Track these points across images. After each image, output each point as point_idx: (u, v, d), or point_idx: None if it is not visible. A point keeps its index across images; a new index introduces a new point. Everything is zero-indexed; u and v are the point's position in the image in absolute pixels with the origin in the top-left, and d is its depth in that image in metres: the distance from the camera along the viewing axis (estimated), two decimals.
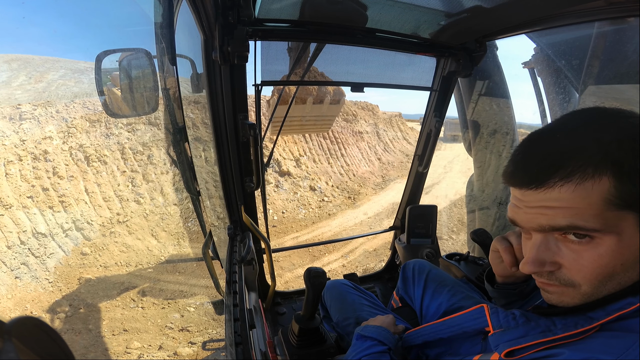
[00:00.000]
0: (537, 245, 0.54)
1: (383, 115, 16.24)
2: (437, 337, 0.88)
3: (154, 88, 1.60)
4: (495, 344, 0.63)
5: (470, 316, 0.79)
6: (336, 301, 1.33)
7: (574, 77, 1.91)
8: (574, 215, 0.48)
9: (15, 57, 9.65)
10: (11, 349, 0.19)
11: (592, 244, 0.49)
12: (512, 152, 0.59)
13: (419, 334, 0.95)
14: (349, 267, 6.10)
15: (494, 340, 0.64)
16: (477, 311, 0.77)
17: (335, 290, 1.37)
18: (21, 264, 5.43)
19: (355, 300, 1.31)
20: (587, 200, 0.47)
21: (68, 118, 7.39)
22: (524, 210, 0.55)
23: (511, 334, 0.61)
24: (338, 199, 9.80)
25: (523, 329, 0.60)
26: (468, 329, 0.79)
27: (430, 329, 0.92)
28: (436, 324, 0.91)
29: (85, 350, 3.92)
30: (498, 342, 0.62)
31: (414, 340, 0.95)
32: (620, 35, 1.60)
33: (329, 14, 1.22)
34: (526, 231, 0.59)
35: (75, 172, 6.87)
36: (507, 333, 0.62)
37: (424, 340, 0.92)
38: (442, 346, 0.89)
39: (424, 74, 1.70)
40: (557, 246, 0.53)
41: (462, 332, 0.81)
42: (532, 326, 0.59)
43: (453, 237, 7.14)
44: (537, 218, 0.53)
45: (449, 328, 0.85)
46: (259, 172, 1.45)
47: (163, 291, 5.08)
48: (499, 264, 0.82)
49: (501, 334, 0.63)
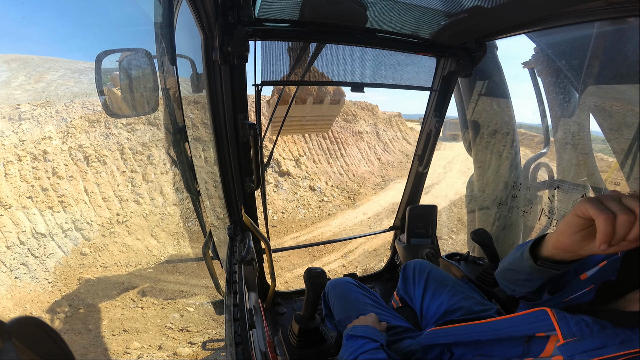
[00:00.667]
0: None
1: (383, 115, 16.24)
2: (473, 339, 0.83)
3: (154, 88, 1.60)
4: (569, 354, 0.57)
5: (525, 320, 0.71)
6: (340, 299, 1.33)
7: (574, 77, 1.91)
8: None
9: (14, 57, 9.64)
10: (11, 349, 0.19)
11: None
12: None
13: (448, 333, 0.91)
14: (349, 267, 6.10)
15: (566, 350, 0.58)
16: (536, 315, 0.69)
17: (339, 289, 1.37)
18: (21, 264, 5.43)
19: (359, 298, 1.31)
20: None
21: (67, 118, 7.38)
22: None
23: (587, 344, 0.56)
24: (338, 199, 9.80)
25: (600, 338, 0.55)
26: (517, 333, 0.71)
27: (466, 329, 0.86)
28: (476, 325, 0.84)
29: (85, 350, 3.92)
30: (572, 352, 0.57)
31: (441, 339, 0.92)
32: (620, 35, 1.60)
33: (329, 14, 1.22)
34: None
35: (75, 172, 6.86)
36: (582, 343, 0.57)
37: (456, 341, 0.87)
38: (472, 346, 0.85)
39: (424, 74, 1.70)
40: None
41: (509, 336, 0.74)
42: (610, 335, 0.54)
43: (453, 237, 7.14)
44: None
45: (492, 331, 0.78)
46: (259, 172, 1.45)
47: (163, 291, 5.07)
48: (575, 233, 0.63)
49: (575, 344, 0.58)
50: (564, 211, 1.79)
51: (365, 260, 6.34)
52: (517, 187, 2.18)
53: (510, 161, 2.32)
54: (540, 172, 2.25)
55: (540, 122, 2.24)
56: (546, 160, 2.25)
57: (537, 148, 2.37)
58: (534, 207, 2.05)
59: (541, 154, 2.30)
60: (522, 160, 2.36)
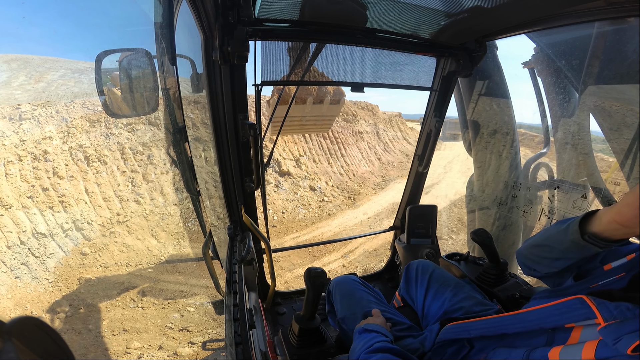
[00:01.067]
0: None
1: (383, 115, 16.23)
2: (499, 332, 0.81)
3: (154, 88, 1.60)
4: (615, 336, 0.57)
5: (557, 310, 0.70)
6: (344, 297, 1.33)
7: (574, 77, 1.91)
8: None
9: (15, 57, 9.64)
10: (11, 349, 0.19)
11: None
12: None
13: (468, 327, 0.90)
14: (349, 267, 6.10)
15: (611, 332, 0.58)
16: (570, 304, 0.68)
17: (345, 286, 1.38)
18: (21, 264, 5.43)
19: (364, 296, 1.31)
20: None
21: (68, 118, 7.39)
22: None
23: (632, 325, 0.56)
24: (338, 199, 9.80)
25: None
26: (548, 324, 0.71)
27: (490, 322, 0.85)
28: (501, 318, 0.83)
29: (85, 350, 3.92)
30: (618, 333, 0.56)
31: (462, 334, 0.91)
32: (620, 35, 1.60)
33: (329, 14, 1.22)
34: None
35: (75, 172, 6.87)
36: (626, 324, 0.57)
37: (481, 335, 0.86)
38: (494, 338, 0.84)
39: (424, 74, 1.70)
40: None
41: (539, 327, 0.73)
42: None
43: (453, 237, 7.14)
44: None
45: (521, 323, 0.77)
46: (259, 172, 1.45)
47: (163, 291, 5.08)
48: (635, 209, 0.63)
49: (619, 325, 0.58)
50: (564, 211, 1.78)
51: (365, 260, 6.34)
52: (517, 187, 2.18)
53: (510, 161, 2.32)
54: (540, 172, 2.25)
55: (540, 122, 2.24)
56: (546, 160, 2.25)
57: (537, 148, 2.36)
58: (534, 207, 2.05)
59: (541, 154, 2.30)
60: (522, 160, 2.36)
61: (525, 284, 1.41)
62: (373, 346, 0.89)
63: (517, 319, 0.79)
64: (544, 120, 2.22)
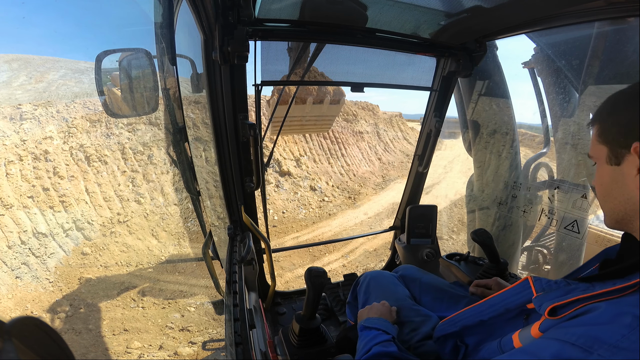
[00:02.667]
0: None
1: (383, 115, 16.23)
2: (477, 320, 0.86)
3: (154, 88, 1.60)
4: (539, 304, 0.65)
5: (513, 291, 0.78)
6: (381, 289, 1.30)
7: (574, 77, 1.91)
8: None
9: (15, 57, 9.65)
10: (11, 349, 0.19)
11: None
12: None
13: (454, 320, 0.93)
14: (349, 267, 6.10)
15: (537, 301, 0.66)
16: (521, 285, 0.76)
17: (382, 280, 1.35)
18: (22, 264, 5.44)
19: (400, 291, 1.29)
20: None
21: (68, 118, 7.40)
22: None
23: (554, 293, 0.64)
24: (338, 199, 9.80)
25: (565, 289, 0.63)
26: (511, 304, 0.78)
27: (470, 312, 0.90)
28: (476, 306, 0.89)
29: (86, 350, 3.92)
30: (542, 301, 0.65)
31: (451, 328, 0.94)
32: (620, 35, 1.60)
33: (329, 14, 1.22)
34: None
35: (76, 172, 6.88)
36: (550, 294, 0.65)
37: (463, 326, 0.90)
38: (481, 333, 0.87)
39: (424, 74, 1.70)
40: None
41: (505, 309, 0.80)
42: (573, 288, 0.62)
43: (453, 237, 7.13)
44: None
45: (491, 307, 0.83)
46: (259, 172, 1.45)
47: (163, 291, 5.08)
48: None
49: (544, 295, 0.66)
50: (563, 211, 1.78)
51: (365, 260, 6.34)
52: (517, 187, 2.18)
53: (510, 161, 2.32)
54: (540, 172, 2.25)
55: (540, 122, 2.24)
56: (546, 160, 2.25)
57: (537, 148, 2.36)
58: (534, 207, 2.05)
59: (541, 154, 2.30)
60: (522, 160, 2.36)
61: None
62: (371, 350, 0.89)
63: (488, 304, 0.85)
64: (544, 120, 2.22)
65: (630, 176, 0.61)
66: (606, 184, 0.68)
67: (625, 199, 0.64)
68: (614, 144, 0.64)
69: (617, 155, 0.64)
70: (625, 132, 0.62)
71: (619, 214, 0.66)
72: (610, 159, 0.65)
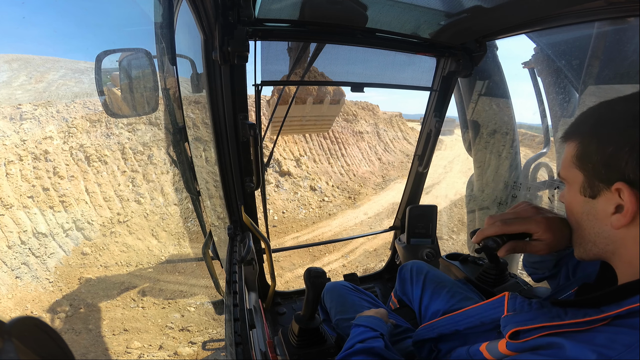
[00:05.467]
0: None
1: (383, 115, 16.24)
2: (453, 329, 0.86)
3: (154, 88, 1.61)
4: (504, 325, 0.63)
5: (490, 305, 0.78)
6: (337, 303, 1.33)
7: (574, 77, 1.91)
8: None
9: (15, 57, 9.65)
10: (11, 349, 0.19)
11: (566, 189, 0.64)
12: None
13: (433, 327, 0.94)
14: (349, 267, 6.11)
15: (504, 322, 0.64)
16: (498, 300, 0.75)
17: (336, 292, 1.38)
18: (22, 264, 5.44)
19: (356, 301, 1.31)
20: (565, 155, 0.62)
21: (68, 118, 7.40)
22: None
23: (521, 316, 0.62)
24: (338, 199, 9.80)
25: (534, 313, 0.61)
26: (486, 318, 0.77)
27: (447, 320, 0.90)
28: (454, 315, 0.89)
29: (86, 350, 3.92)
30: (507, 323, 0.63)
31: (428, 333, 0.94)
32: (620, 35, 1.60)
33: (329, 14, 1.22)
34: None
35: (76, 172, 6.88)
36: (517, 315, 0.64)
37: (440, 333, 0.90)
38: (456, 340, 0.88)
39: (424, 74, 1.69)
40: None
41: (480, 322, 0.79)
42: (544, 312, 0.59)
43: (453, 237, 7.13)
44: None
45: (467, 319, 0.83)
46: (259, 172, 1.45)
47: (163, 291, 5.08)
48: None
49: (512, 316, 0.64)
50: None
51: (365, 260, 6.34)
52: (517, 187, 2.18)
53: (510, 161, 2.32)
54: (540, 172, 2.25)
55: (540, 122, 2.24)
56: (546, 160, 2.25)
57: (537, 148, 2.37)
58: None
59: (541, 154, 2.30)
60: (522, 160, 2.35)
61: (525, 284, 1.40)
62: (354, 347, 0.89)
63: (465, 315, 0.85)
64: (544, 120, 2.22)
65: (604, 213, 0.55)
66: (577, 214, 0.62)
67: (597, 232, 0.58)
68: (592, 175, 0.55)
69: (592, 188, 0.56)
70: (609, 164, 0.52)
71: (592, 250, 0.60)
72: (585, 189, 0.57)
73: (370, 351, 0.86)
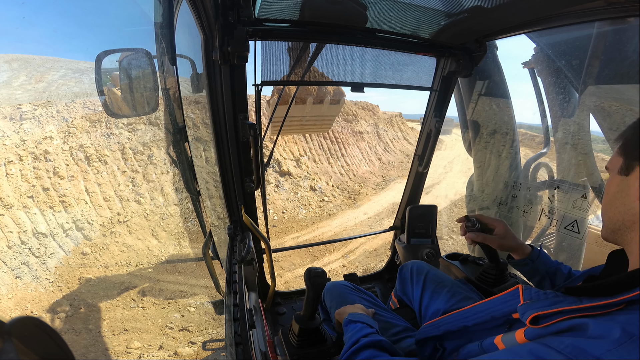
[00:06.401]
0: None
1: (383, 115, 16.24)
2: (461, 326, 0.86)
3: (154, 88, 1.61)
4: (523, 312, 0.65)
5: (502, 299, 0.79)
6: (337, 303, 1.33)
7: (574, 77, 1.91)
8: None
9: (15, 57, 9.65)
10: (11, 349, 0.19)
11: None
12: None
13: (439, 324, 0.94)
14: (349, 267, 6.10)
15: (522, 309, 0.66)
16: (511, 293, 0.76)
17: (336, 292, 1.38)
18: (22, 264, 5.44)
19: (356, 300, 1.31)
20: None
21: (68, 118, 7.40)
22: None
23: (539, 303, 0.64)
24: (338, 199, 9.80)
25: (551, 300, 0.64)
26: (497, 313, 0.78)
27: (453, 317, 0.90)
28: (461, 312, 0.89)
29: (86, 350, 3.92)
30: (526, 309, 0.65)
31: (433, 331, 0.94)
32: (620, 35, 1.60)
33: (329, 14, 1.22)
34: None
35: (76, 172, 6.88)
36: (535, 303, 0.65)
37: (446, 330, 0.90)
38: (462, 338, 0.87)
39: (424, 74, 1.69)
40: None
41: (490, 317, 0.80)
42: (561, 299, 0.62)
43: (453, 237, 7.13)
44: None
45: (476, 314, 0.83)
46: (259, 172, 1.45)
47: (163, 291, 5.08)
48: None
49: (530, 304, 0.66)
50: (563, 211, 1.78)
51: (365, 260, 6.34)
52: (517, 187, 2.18)
53: (510, 161, 2.31)
54: (540, 172, 2.25)
55: (540, 122, 2.24)
56: (546, 160, 2.25)
57: (537, 148, 2.36)
58: (534, 207, 2.05)
59: (541, 154, 2.30)
60: (522, 160, 2.35)
61: (525, 284, 1.41)
62: (359, 342, 0.89)
63: (474, 311, 0.85)
64: (544, 120, 2.22)
65: (634, 187, 0.62)
66: (612, 193, 0.69)
67: (625, 209, 0.64)
68: (629, 156, 0.65)
69: (628, 167, 0.65)
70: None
71: (616, 224, 0.67)
72: (622, 169, 0.66)
73: (378, 344, 0.87)
